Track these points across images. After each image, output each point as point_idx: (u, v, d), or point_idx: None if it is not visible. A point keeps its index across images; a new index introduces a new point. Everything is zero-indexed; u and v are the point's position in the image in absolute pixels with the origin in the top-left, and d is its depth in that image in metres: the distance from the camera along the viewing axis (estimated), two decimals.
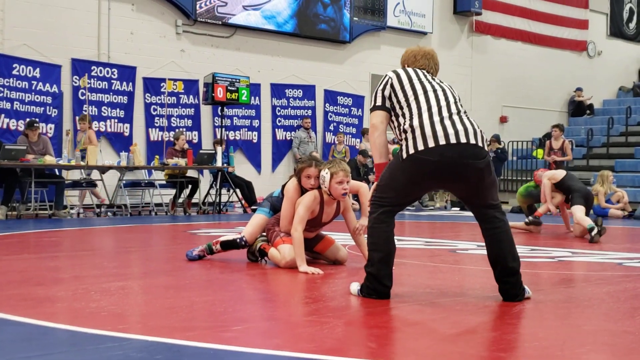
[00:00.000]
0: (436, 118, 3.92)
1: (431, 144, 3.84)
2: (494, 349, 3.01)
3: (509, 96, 19.42)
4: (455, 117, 3.95)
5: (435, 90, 4.06)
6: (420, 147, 3.85)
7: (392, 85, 4.12)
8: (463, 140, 3.86)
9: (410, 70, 4.20)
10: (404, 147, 3.95)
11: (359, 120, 16.57)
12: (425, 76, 4.17)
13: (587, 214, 8.34)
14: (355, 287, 4.07)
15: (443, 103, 4.00)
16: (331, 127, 16.13)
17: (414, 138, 3.89)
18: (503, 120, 19.45)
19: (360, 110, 16.60)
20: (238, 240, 5.54)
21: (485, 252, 4.07)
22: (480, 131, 3.98)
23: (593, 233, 7.67)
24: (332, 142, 15.88)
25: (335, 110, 16.24)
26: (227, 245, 5.61)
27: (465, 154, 3.85)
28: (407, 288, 4.50)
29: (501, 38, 19.38)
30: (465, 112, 4.09)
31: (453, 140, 3.85)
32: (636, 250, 7.18)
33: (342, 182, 5.15)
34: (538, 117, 19.82)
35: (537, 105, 20.02)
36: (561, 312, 3.78)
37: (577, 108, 20.71)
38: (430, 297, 4.20)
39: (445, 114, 3.95)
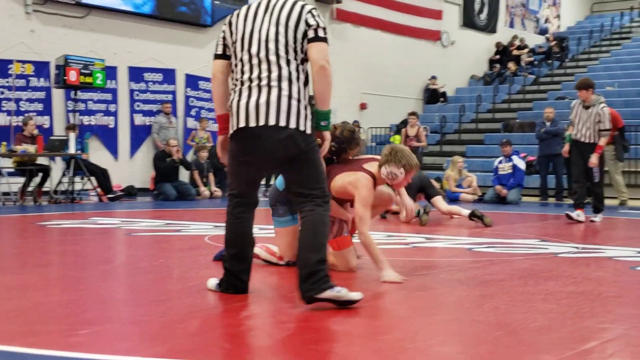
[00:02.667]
0: (244, 94, 3.64)
1: (238, 124, 3.63)
2: (345, 342, 3.02)
3: (369, 83, 19.80)
4: (254, 89, 3.63)
5: (251, 39, 3.68)
6: (233, 127, 3.68)
7: (225, 30, 3.83)
8: (252, 123, 3.59)
9: (252, 4, 3.84)
10: None
11: None
12: (257, 11, 3.78)
13: (431, 196, 9.09)
14: (213, 282, 3.99)
15: (255, 62, 3.65)
16: (192, 113, 15.84)
17: (231, 115, 3.71)
18: (363, 107, 19.82)
19: None
20: (285, 265, 4.88)
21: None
22: (287, 102, 3.58)
23: (420, 215, 8.58)
24: (194, 127, 15.60)
25: (197, 95, 15.96)
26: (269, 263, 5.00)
27: (261, 133, 3.59)
28: (270, 279, 4.47)
29: (361, 26, 19.69)
30: (281, 67, 3.63)
31: (253, 123, 3.60)
32: (485, 235, 7.50)
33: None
34: (395, 104, 20.34)
35: (394, 93, 20.53)
36: (414, 302, 3.87)
37: (432, 95, 21.44)
38: (287, 290, 4.18)
39: (250, 83, 3.64)
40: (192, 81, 15.83)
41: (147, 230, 7.49)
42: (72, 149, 11.71)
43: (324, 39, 3.65)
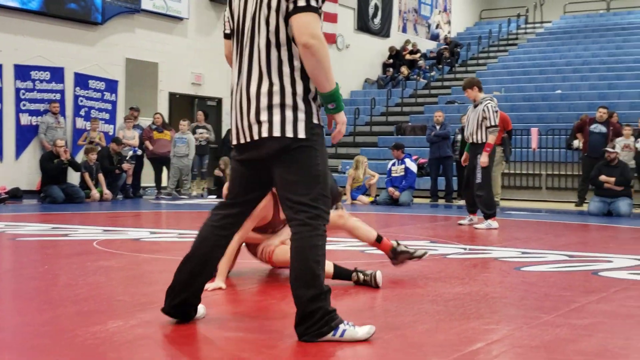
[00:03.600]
0: (233, 103, 3.19)
1: (231, 140, 3.26)
2: (235, 348, 3.00)
3: None
4: (244, 97, 3.12)
5: (243, 32, 3.17)
6: (234, 141, 3.24)
7: (227, 11, 3.33)
8: (243, 140, 3.15)
9: None
10: None
11: (113, 105, 15.97)
12: None
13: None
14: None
15: (245, 68, 3.14)
16: (82, 113, 15.36)
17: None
18: None
19: (114, 95, 15.98)
20: None
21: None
22: (267, 111, 3.06)
23: None
24: (84, 128, 15.15)
25: (87, 95, 15.49)
26: None
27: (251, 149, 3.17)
28: (160, 286, 4.38)
29: None
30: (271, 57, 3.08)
31: (242, 139, 3.16)
32: None
33: None
34: None
35: None
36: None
37: None
38: None
39: (240, 90, 3.15)
40: (82, 80, 15.35)
41: (33, 235, 7.21)
42: None
43: (308, 8, 2.97)
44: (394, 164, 13.85)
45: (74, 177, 13.41)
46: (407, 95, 21.38)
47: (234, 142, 3.21)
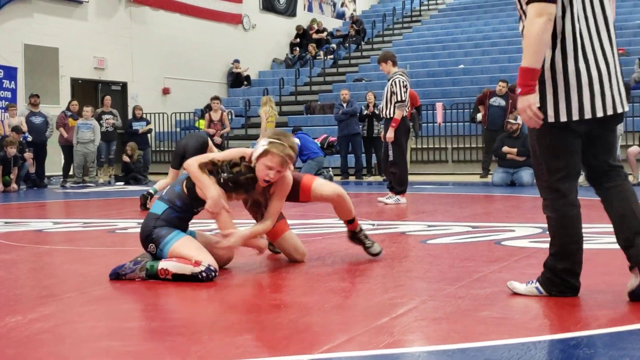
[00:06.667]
0: (602, 65, 3.14)
1: (594, 109, 3.13)
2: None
3: (171, 68, 19.46)
4: (611, 68, 3.14)
5: None
6: (575, 115, 3.13)
7: None
8: (610, 111, 3.17)
9: None
10: (548, 105, 3.15)
11: (12, 93, 15.39)
12: None
13: None
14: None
15: (605, 36, 3.14)
16: None
17: (576, 87, 3.13)
18: (166, 92, 19.47)
19: (13, 82, 15.40)
20: (200, 276, 3.91)
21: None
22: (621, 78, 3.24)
23: None
24: None
25: None
26: (180, 278, 3.96)
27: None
28: (61, 278, 4.26)
29: (159, 9, 19.27)
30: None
31: (609, 111, 3.15)
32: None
33: (272, 169, 4.14)
34: (200, 89, 20.15)
35: (198, 77, 20.33)
36: (198, 288, 3.85)
37: (236, 79, 21.47)
38: (83, 285, 4.00)
39: (606, 64, 3.14)
40: None
41: None
42: None
43: None
44: None
45: None
46: (315, 74, 21.42)
47: (601, 113, 3.14)
